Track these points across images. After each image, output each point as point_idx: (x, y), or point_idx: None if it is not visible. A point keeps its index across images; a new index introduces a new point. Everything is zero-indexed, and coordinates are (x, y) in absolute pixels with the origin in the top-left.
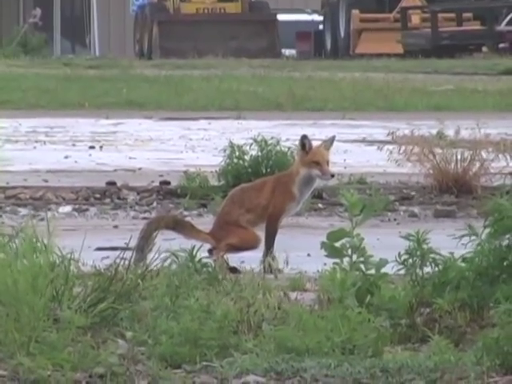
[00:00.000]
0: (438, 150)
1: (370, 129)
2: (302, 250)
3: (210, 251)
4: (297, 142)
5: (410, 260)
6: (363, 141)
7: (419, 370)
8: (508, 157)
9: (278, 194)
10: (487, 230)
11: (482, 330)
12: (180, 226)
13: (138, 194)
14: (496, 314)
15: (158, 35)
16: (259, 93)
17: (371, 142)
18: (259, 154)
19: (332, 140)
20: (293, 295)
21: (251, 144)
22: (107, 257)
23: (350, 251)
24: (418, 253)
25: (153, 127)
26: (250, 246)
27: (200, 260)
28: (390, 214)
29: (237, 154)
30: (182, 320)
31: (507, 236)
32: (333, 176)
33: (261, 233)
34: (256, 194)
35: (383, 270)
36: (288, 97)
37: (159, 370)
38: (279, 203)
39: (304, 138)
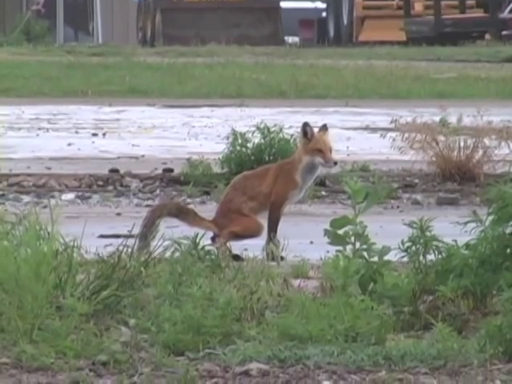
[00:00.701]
0: (441, 138)
1: (373, 116)
2: (304, 238)
3: (213, 239)
4: (299, 130)
5: (413, 247)
6: (366, 128)
7: (422, 358)
8: (511, 144)
9: (281, 182)
10: (491, 218)
11: (485, 317)
12: (183, 214)
13: (141, 181)
14: (499, 301)
15: (161, 23)
16: (262, 80)
17: (374, 130)
18: (262, 141)
19: (323, 128)
20: (296, 283)
21: (254, 131)
22: (110, 244)
23: (353, 239)
24: (422, 240)
25: (156, 115)
26: (253, 233)
27: (203, 248)
28: (393, 201)
29: (240, 141)
30: (184, 307)
31: (511, 223)
32: (336, 163)
33: (264, 220)
34: (258, 182)
35: (386, 258)
36: (291, 84)
37: (162, 358)
38: (282, 191)
39: (306, 125)
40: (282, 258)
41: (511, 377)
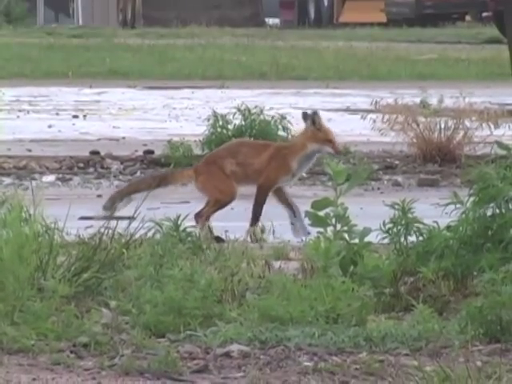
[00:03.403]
0: (421, 119)
1: (353, 98)
2: (285, 219)
3: (198, 214)
4: (280, 111)
5: (395, 229)
6: (347, 110)
7: (403, 339)
8: (492, 126)
9: (274, 165)
10: (471, 199)
11: (465, 299)
12: (163, 180)
13: (122, 163)
14: (480, 283)
15: (141, 4)
16: (243, 62)
17: (355, 111)
18: (243, 123)
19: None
20: (277, 264)
21: (235, 113)
22: (91, 226)
23: (333, 220)
24: (403, 222)
25: (136, 96)
26: (226, 195)
27: (184, 229)
28: (373, 183)
29: (220, 123)
30: (165, 289)
31: (492, 205)
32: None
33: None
34: (253, 154)
35: (367, 239)
36: (271, 66)
37: (143, 339)
38: (273, 175)
39: (315, 114)
40: (264, 240)
41: (492, 358)
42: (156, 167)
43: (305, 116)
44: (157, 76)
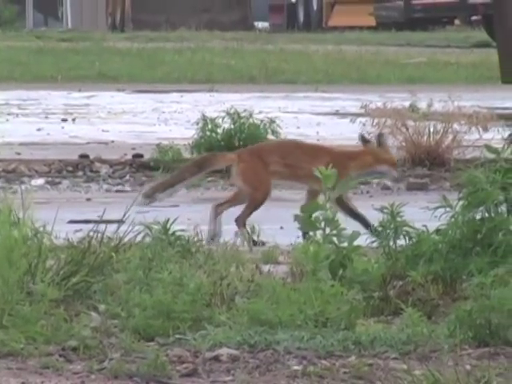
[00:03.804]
0: (410, 123)
1: (342, 101)
2: (274, 223)
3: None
4: (269, 115)
5: (384, 233)
6: (336, 113)
7: (392, 343)
8: (481, 129)
9: (339, 169)
10: (461, 203)
11: (454, 302)
12: (205, 163)
13: (111, 166)
14: (469, 286)
15: (131, 7)
16: (232, 65)
17: (344, 115)
18: (232, 126)
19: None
20: (266, 268)
21: (224, 117)
22: (80, 230)
23: (323, 224)
24: (392, 225)
25: (125, 100)
26: (261, 193)
27: (173, 233)
28: (362, 186)
29: (209, 126)
30: (155, 293)
31: (481, 208)
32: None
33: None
34: (305, 158)
35: (356, 243)
36: (261, 69)
37: (132, 343)
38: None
39: (381, 136)
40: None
41: (481, 362)
42: (145, 171)
43: (363, 138)
44: (146, 79)
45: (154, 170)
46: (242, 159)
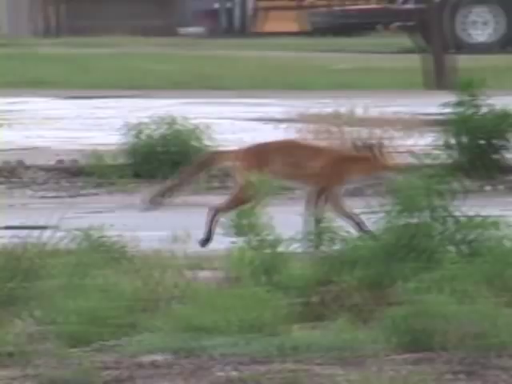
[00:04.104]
0: (334, 129)
1: (269, 107)
2: (204, 229)
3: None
4: (204, 120)
5: (319, 238)
6: (261, 119)
7: (326, 348)
8: (405, 135)
9: (336, 170)
10: (396, 208)
11: (389, 307)
12: (207, 162)
13: (35, 172)
14: (404, 291)
15: (65, 13)
16: (162, 71)
17: (269, 121)
18: (162, 132)
19: None
20: (200, 274)
21: (155, 123)
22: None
23: (252, 230)
24: (327, 231)
25: (57, 106)
26: (245, 195)
27: (109, 238)
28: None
29: (140, 132)
30: (90, 299)
31: (416, 213)
32: None
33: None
34: (309, 158)
35: (290, 248)
36: (187, 75)
37: (66, 349)
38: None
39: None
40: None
41: (417, 366)
42: (70, 177)
43: (363, 146)
44: (80, 85)
45: (77, 176)
46: (238, 158)
